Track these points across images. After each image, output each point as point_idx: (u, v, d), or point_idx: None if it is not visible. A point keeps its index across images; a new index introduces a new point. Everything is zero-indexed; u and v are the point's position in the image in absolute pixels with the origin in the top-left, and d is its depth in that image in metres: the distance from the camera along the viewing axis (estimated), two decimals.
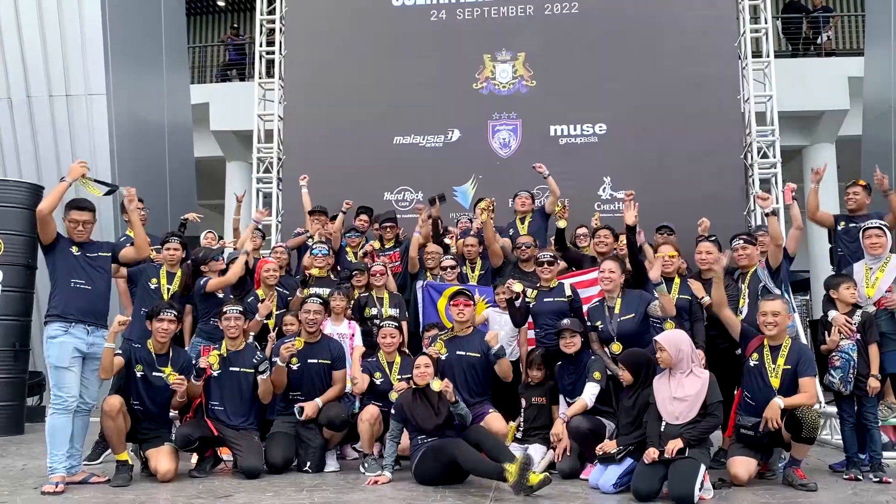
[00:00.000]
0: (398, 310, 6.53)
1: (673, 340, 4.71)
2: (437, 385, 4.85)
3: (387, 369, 5.59)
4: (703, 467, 4.34)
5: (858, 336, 5.17)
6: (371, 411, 5.32)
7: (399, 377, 5.48)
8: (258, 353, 5.48)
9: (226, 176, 14.78)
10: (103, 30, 9.11)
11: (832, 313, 5.32)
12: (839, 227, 6.32)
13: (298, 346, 5.49)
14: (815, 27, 14.65)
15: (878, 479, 4.94)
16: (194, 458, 5.37)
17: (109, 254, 5.16)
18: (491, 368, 5.54)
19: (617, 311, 5.46)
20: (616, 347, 5.39)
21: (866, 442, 5.19)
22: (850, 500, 4.40)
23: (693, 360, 4.70)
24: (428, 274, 6.95)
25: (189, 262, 6.16)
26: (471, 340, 5.59)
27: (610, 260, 5.66)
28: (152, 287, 5.95)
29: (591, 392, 5.16)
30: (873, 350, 5.15)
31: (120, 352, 4.99)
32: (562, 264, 6.37)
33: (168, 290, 5.97)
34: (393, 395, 5.31)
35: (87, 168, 4.95)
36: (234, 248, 6.94)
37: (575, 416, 5.09)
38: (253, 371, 5.34)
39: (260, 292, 6.31)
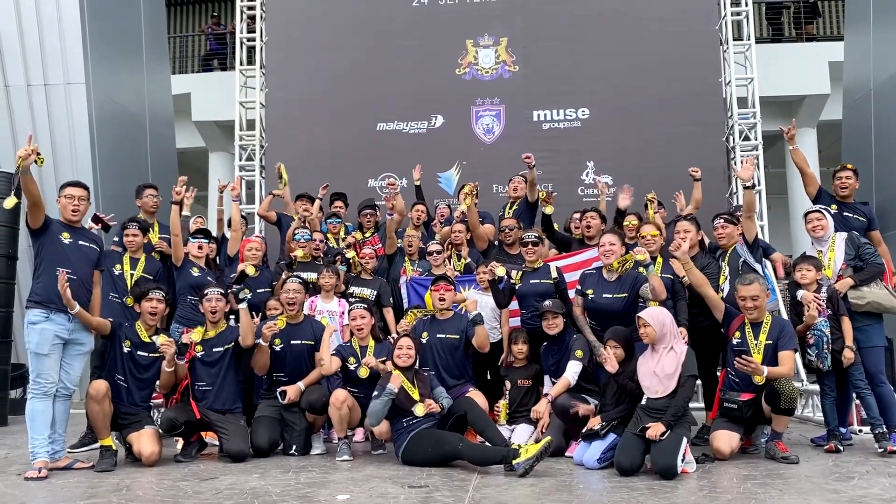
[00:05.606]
0: (378, 292, 6.54)
1: (657, 316, 4.76)
2: (420, 410, 4.80)
3: (359, 354, 5.47)
4: (685, 440, 4.39)
5: (830, 311, 5.24)
6: (340, 396, 5.16)
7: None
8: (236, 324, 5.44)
9: (209, 167, 14.68)
10: (81, 18, 8.98)
11: (800, 293, 5.39)
12: (832, 211, 6.30)
13: (280, 325, 5.50)
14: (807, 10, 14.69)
15: (882, 450, 4.95)
16: (180, 443, 5.36)
17: (97, 248, 5.12)
18: (469, 350, 5.57)
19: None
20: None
21: (848, 413, 5.24)
22: (831, 471, 4.45)
23: (675, 336, 4.76)
24: (406, 261, 6.93)
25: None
26: (451, 323, 5.66)
27: (610, 233, 5.64)
28: (116, 273, 5.92)
29: (573, 370, 5.21)
30: (845, 322, 5.22)
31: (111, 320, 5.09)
32: (547, 244, 6.40)
33: (132, 275, 5.95)
34: (363, 372, 5.23)
35: (29, 154, 4.49)
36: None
37: (560, 395, 5.13)
38: (233, 345, 5.34)
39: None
